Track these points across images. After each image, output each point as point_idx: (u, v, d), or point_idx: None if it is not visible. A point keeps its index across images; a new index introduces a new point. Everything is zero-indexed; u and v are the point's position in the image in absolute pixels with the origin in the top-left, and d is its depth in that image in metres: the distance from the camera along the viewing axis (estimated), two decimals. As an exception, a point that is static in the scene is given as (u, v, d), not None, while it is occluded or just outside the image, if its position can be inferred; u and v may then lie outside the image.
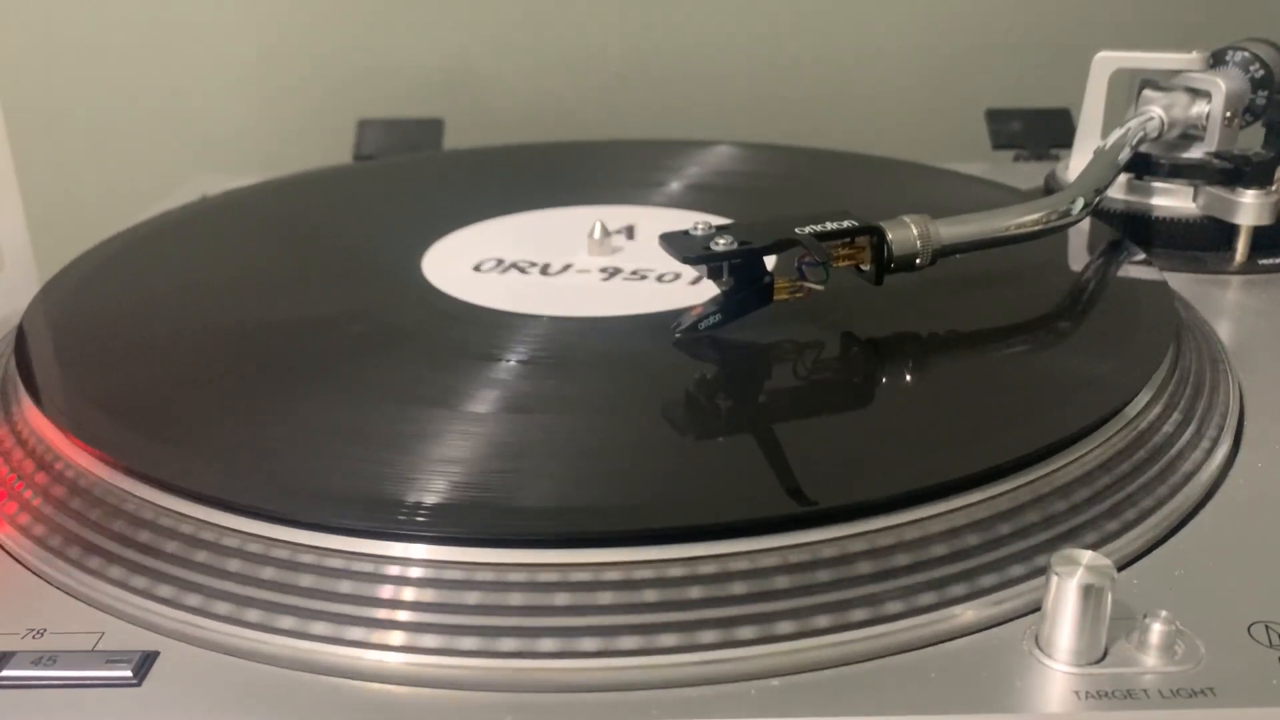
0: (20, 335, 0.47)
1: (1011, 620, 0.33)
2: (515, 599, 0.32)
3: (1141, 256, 0.52)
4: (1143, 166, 0.58)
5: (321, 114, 0.89)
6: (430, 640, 0.32)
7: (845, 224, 0.44)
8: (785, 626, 0.32)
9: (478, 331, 0.47)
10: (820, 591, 0.33)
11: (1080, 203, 0.50)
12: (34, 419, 0.41)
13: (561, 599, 0.32)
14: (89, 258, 0.55)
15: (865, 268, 0.45)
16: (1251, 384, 0.45)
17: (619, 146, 0.73)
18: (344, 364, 0.44)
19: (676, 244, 0.43)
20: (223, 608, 0.33)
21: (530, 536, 0.33)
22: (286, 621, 0.33)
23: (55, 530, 0.37)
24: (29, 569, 0.36)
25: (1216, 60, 0.59)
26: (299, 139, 0.89)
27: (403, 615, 0.32)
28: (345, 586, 0.33)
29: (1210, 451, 0.40)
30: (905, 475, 0.35)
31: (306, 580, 0.33)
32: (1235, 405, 0.43)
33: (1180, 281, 0.53)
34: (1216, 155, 0.57)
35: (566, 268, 0.53)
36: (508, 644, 0.31)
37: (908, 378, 0.43)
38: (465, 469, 0.37)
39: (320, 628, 0.32)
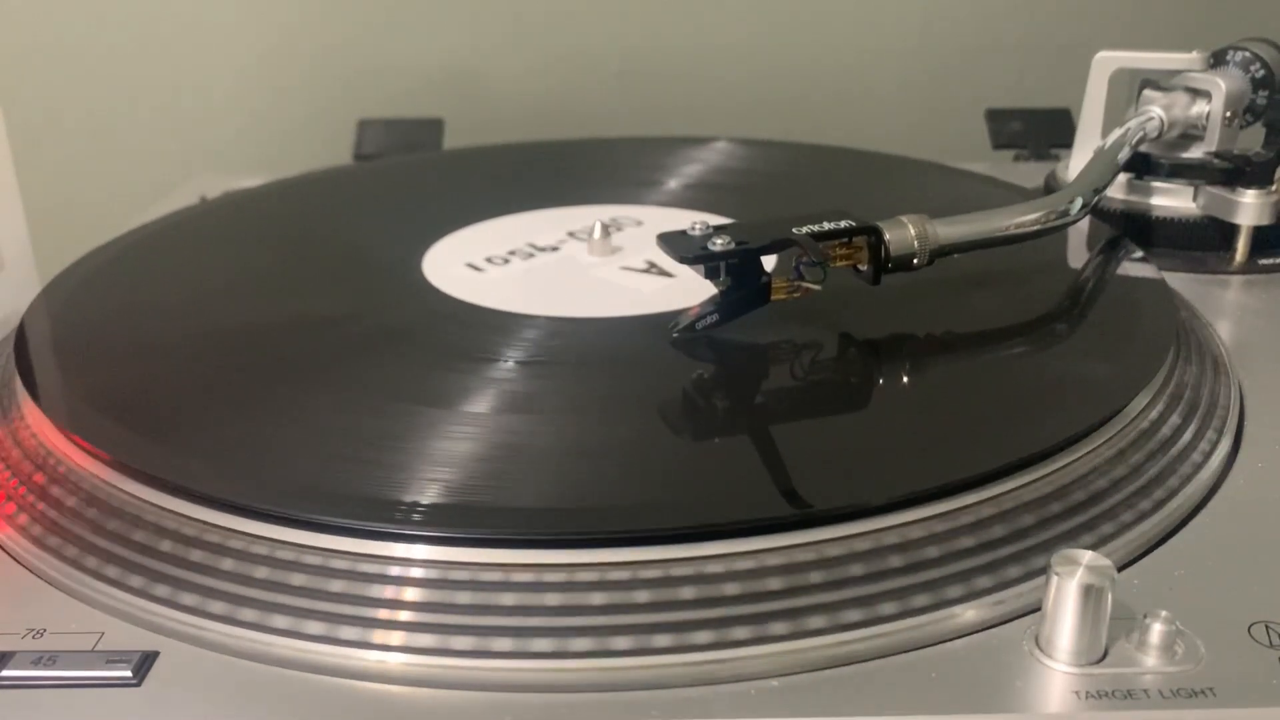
0: (20, 336, 0.47)
1: (1011, 620, 0.33)
2: (514, 599, 0.32)
3: (1140, 255, 0.52)
4: (1143, 166, 0.58)
5: (321, 114, 0.89)
6: (430, 640, 0.32)
7: (843, 224, 0.44)
8: (784, 626, 0.32)
9: (477, 331, 0.47)
10: (820, 592, 0.33)
11: (1079, 202, 0.50)
12: (34, 419, 0.41)
13: (560, 599, 0.32)
14: (90, 259, 0.55)
15: (863, 268, 0.45)
16: (1251, 384, 0.45)
17: (619, 144, 0.73)
18: (344, 364, 0.44)
19: (674, 244, 0.43)
20: (222, 608, 0.33)
21: (530, 537, 0.33)
22: (287, 622, 0.33)
23: (55, 530, 0.37)
24: (29, 569, 0.36)
25: (1217, 60, 0.59)
26: (299, 139, 0.89)
27: (403, 615, 0.32)
28: (345, 587, 0.33)
29: (1210, 451, 0.40)
30: (907, 476, 0.35)
31: (307, 580, 0.33)
32: (1235, 405, 0.43)
33: (1180, 281, 0.53)
34: (1216, 155, 0.57)
35: (566, 267, 0.53)
36: (507, 644, 0.31)
37: (906, 378, 0.43)
38: (464, 469, 0.37)
39: (320, 628, 0.32)
